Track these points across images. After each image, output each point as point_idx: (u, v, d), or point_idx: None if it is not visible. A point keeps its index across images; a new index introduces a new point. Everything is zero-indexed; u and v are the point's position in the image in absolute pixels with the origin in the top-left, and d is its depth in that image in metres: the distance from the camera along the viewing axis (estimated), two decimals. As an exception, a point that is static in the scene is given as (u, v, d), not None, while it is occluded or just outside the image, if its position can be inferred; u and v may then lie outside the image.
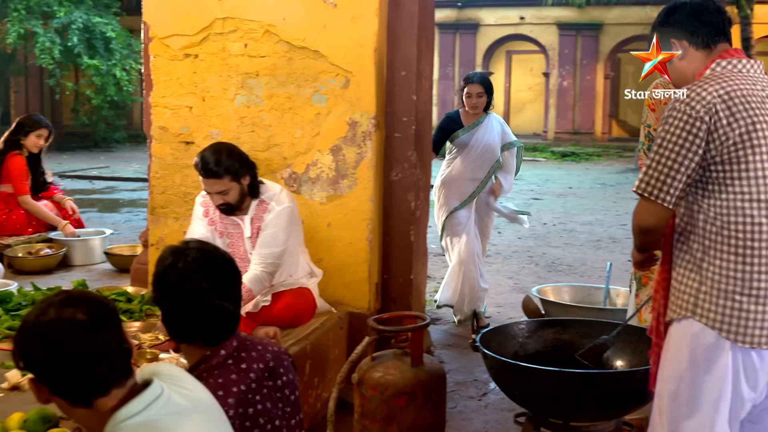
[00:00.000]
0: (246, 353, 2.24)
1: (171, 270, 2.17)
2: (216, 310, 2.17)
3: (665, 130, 2.43)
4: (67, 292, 1.75)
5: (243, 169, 3.80)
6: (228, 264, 2.25)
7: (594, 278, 7.78)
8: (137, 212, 11.74)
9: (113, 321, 1.74)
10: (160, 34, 4.71)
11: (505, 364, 3.04)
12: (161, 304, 2.23)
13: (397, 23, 4.54)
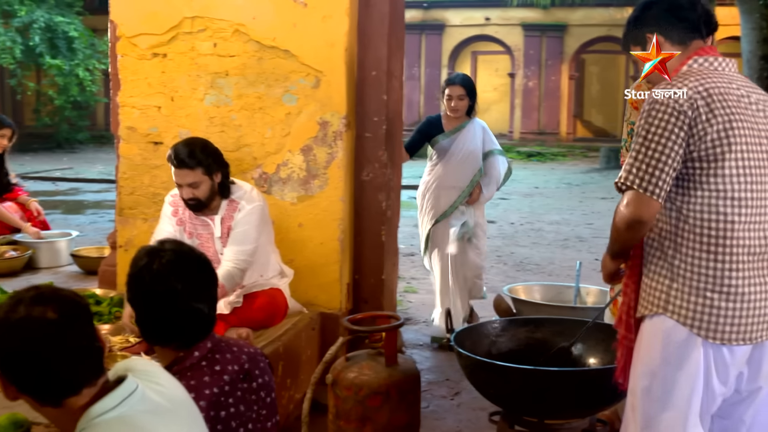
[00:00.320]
0: (220, 355, 2.22)
1: (145, 271, 2.14)
2: (191, 312, 2.15)
3: (649, 123, 2.42)
4: (38, 289, 1.71)
5: (215, 166, 3.78)
6: (204, 265, 2.22)
7: (562, 277, 7.84)
8: (102, 214, 11.61)
9: (85, 319, 1.70)
10: (127, 33, 4.65)
11: (481, 363, 3.04)
12: (135, 305, 2.20)
13: (367, 23, 4.53)
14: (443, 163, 5.49)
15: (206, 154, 3.76)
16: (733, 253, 2.41)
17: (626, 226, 2.45)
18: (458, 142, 5.44)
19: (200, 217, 3.93)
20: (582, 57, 26.25)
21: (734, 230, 2.40)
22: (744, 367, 2.50)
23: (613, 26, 24.69)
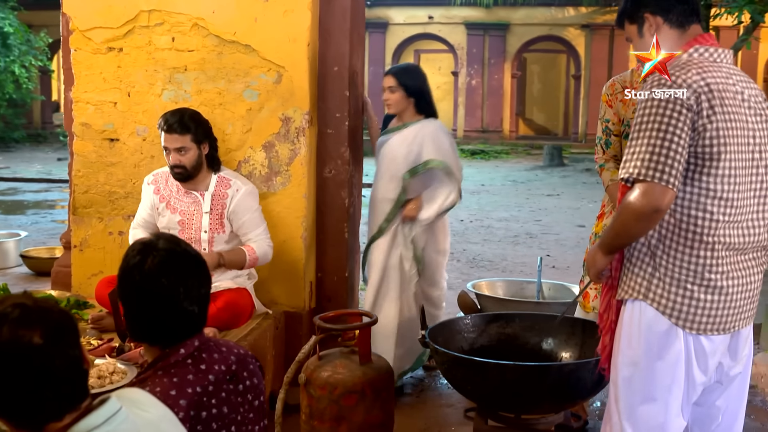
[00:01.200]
0: (207, 354, 2.14)
1: (136, 270, 2.06)
2: (181, 313, 2.08)
3: (656, 114, 2.35)
4: (24, 305, 1.57)
5: (203, 135, 3.92)
6: (197, 265, 2.15)
7: (516, 273, 7.91)
8: (44, 214, 11.32)
9: (72, 342, 1.59)
10: (81, 27, 4.51)
11: (458, 359, 3.02)
12: (125, 303, 2.11)
13: (329, 18, 4.48)
14: (377, 168, 4.66)
15: (195, 122, 3.88)
16: (715, 249, 2.42)
17: (639, 217, 2.36)
18: (388, 144, 4.54)
19: (188, 192, 3.97)
20: (524, 56, 26.56)
21: (717, 228, 2.41)
22: (725, 356, 2.53)
23: (555, 26, 25.07)
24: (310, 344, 3.19)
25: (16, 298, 1.60)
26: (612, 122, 3.84)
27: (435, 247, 4.66)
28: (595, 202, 13.35)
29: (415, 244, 4.51)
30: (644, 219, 2.37)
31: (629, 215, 2.39)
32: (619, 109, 3.82)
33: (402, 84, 4.46)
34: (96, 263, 4.60)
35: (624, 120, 3.81)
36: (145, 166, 4.50)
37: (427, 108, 4.54)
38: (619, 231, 2.47)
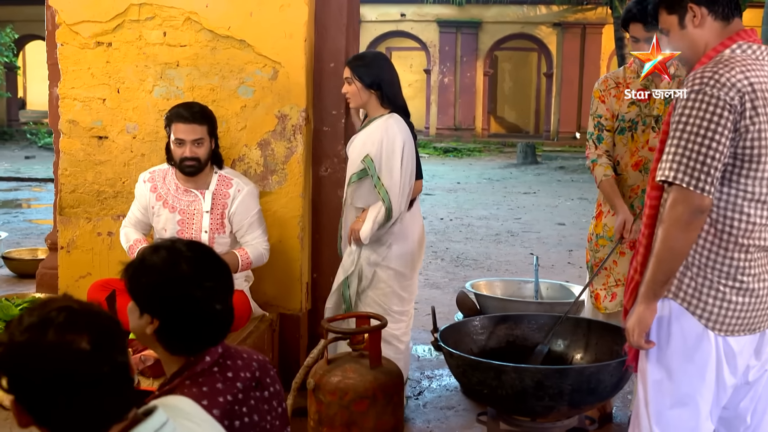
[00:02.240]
0: (231, 361, 2.04)
1: (166, 275, 1.94)
2: (211, 318, 1.96)
3: (696, 116, 2.28)
4: (70, 308, 1.46)
5: (214, 128, 3.85)
6: (224, 267, 2.04)
7: (501, 271, 7.87)
8: (15, 213, 11.07)
9: (120, 348, 1.49)
10: (68, 20, 4.36)
11: (474, 362, 2.95)
12: (150, 310, 1.98)
13: (325, 13, 4.38)
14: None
15: (208, 113, 3.84)
16: (749, 252, 2.37)
17: (685, 225, 2.28)
18: (352, 143, 4.06)
19: (188, 190, 3.86)
20: (495, 54, 26.61)
21: (754, 231, 2.36)
22: (751, 357, 2.48)
23: (527, 24, 25.15)
24: (319, 348, 3.09)
25: (59, 301, 1.49)
26: (605, 117, 3.81)
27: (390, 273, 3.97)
28: (572, 200, 13.39)
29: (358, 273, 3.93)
30: (686, 226, 2.29)
31: (673, 228, 2.31)
32: (612, 104, 3.79)
33: (357, 75, 3.87)
34: (84, 265, 4.46)
35: (618, 115, 3.78)
36: (135, 164, 4.37)
37: (392, 101, 3.94)
38: (664, 255, 2.34)
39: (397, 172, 3.81)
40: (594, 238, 3.92)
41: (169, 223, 3.85)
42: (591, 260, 3.90)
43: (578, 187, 15.10)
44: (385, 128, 3.86)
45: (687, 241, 2.34)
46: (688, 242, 2.35)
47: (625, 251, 3.81)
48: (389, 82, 3.96)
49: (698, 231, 2.35)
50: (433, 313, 3.22)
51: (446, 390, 4.54)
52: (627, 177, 3.81)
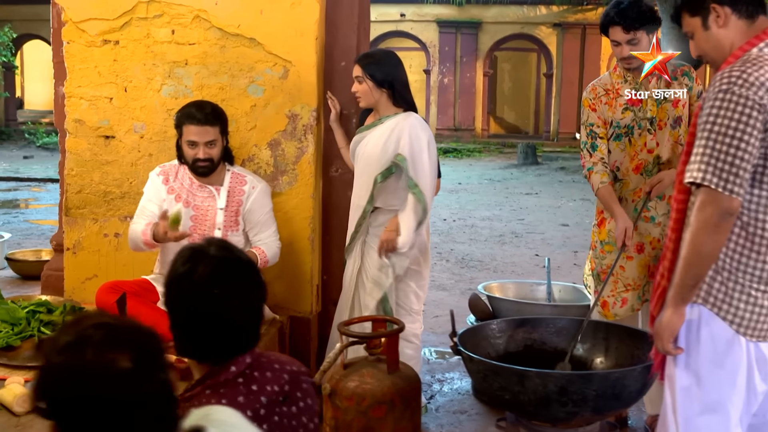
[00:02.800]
0: (260, 372, 1.96)
1: (186, 279, 1.87)
2: (234, 327, 1.89)
3: (724, 116, 2.23)
4: (108, 325, 1.39)
5: (225, 127, 3.78)
6: (252, 274, 1.96)
7: (507, 273, 7.81)
8: (15, 213, 10.99)
9: (161, 365, 1.41)
10: (74, 18, 4.29)
11: (496, 368, 2.88)
12: (171, 315, 1.92)
13: (336, 11, 4.32)
14: (355, 170, 4.11)
15: (220, 113, 3.76)
16: None
17: (714, 227, 2.24)
18: (364, 142, 3.97)
19: (203, 186, 3.80)
20: (495, 54, 26.54)
21: None
22: None
23: (527, 24, 25.10)
24: (335, 352, 3.01)
25: (95, 317, 1.41)
26: (597, 125, 3.80)
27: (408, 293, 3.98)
28: (575, 201, 13.33)
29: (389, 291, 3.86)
30: (715, 228, 2.24)
31: (701, 231, 2.26)
32: (604, 111, 3.78)
33: (369, 74, 3.85)
34: (90, 267, 4.39)
35: (612, 122, 3.75)
36: (142, 164, 4.30)
37: (405, 99, 3.94)
38: (692, 259, 2.29)
39: (427, 170, 3.80)
40: (599, 245, 3.87)
41: (183, 218, 3.76)
42: (596, 267, 3.86)
43: (580, 188, 15.03)
44: (409, 127, 3.83)
45: (716, 244, 2.29)
46: (717, 245, 2.29)
47: (632, 255, 3.76)
48: (401, 80, 3.95)
49: (727, 233, 2.30)
50: (452, 316, 3.15)
51: (458, 394, 4.47)
52: (629, 181, 3.78)
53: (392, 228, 3.80)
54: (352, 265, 4.05)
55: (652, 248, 3.79)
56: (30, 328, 3.67)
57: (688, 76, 3.76)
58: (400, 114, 3.90)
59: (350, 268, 4.06)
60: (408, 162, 3.79)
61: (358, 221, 3.98)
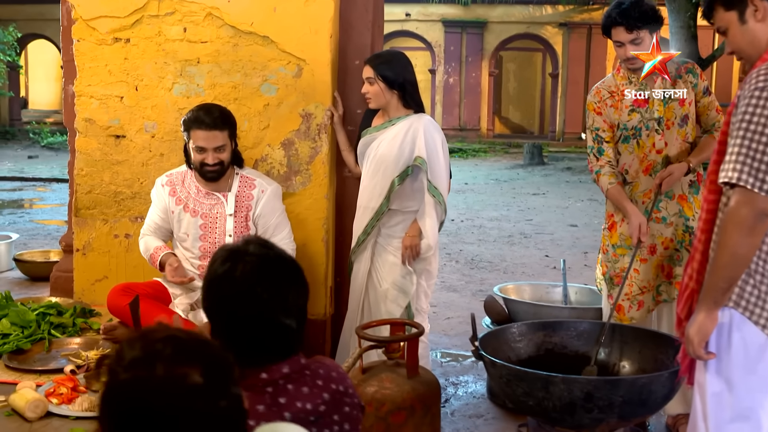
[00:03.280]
0: (295, 386, 1.82)
1: (225, 279, 1.78)
2: (278, 328, 1.80)
3: (758, 114, 2.17)
4: (176, 338, 1.33)
5: (234, 130, 3.71)
6: (295, 272, 1.86)
7: (517, 274, 7.73)
8: (21, 213, 10.94)
9: (232, 379, 1.36)
10: (85, 16, 4.23)
11: (520, 373, 2.81)
12: (213, 317, 1.84)
13: (350, 9, 4.25)
14: (363, 172, 4.02)
15: (228, 117, 3.67)
16: None
17: (749, 229, 2.17)
18: (375, 144, 3.91)
19: (209, 193, 3.71)
20: (500, 54, 26.46)
21: None
22: None
23: (532, 24, 25.01)
24: (354, 356, 2.95)
25: (161, 331, 1.35)
26: (602, 129, 3.74)
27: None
28: (582, 201, 13.25)
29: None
30: (750, 230, 2.18)
31: (733, 231, 2.19)
32: (610, 114, 3.72)
33: (381, 75, 3.80)
34: (100, 268, 4.33)
35: (619, 124, 3.69)
36: (153, 164, 4.24)
37: (415, 100, 3.90)
38: (725, 260, 2.23)
39: (442, 171, 3.84)
40: (610, 249, 3.80)
41: (191, 228, 3.71)
42: (609, 271, 3.79)
43: (587, 188, 14.94)
44: (424, 128, 3.81)
45: (751, 246, 2.22)
46: (751, 247, 2.23)
47: (646, 258, 3.70)
48: (412, 80, 3.92)
49: (762, 235, 2.23)
50: (473, 321, 3.08)
51: (473, 397, 4.40)
52: (638, 183, 3.72)
53: (414, 233, 3.82)
54: (362, 267, 4.00)
55: (665, 248, 3.73)
56: (40, 330, 3.62)
57: (693, 73, 3.70)
58: (412, 115, 3.87)
59: (360, 270, 4.01)
60: (426, 164, 3.78)
61: (369, 223, 3.92)
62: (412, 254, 3.83)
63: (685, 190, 3.71)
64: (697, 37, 13.10)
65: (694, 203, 3.71)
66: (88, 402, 2.83)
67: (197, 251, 3.74)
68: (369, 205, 3.93)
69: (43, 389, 2.95)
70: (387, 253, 3.93)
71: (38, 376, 3.19)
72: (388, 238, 3.93)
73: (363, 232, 3.95)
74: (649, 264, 3.69)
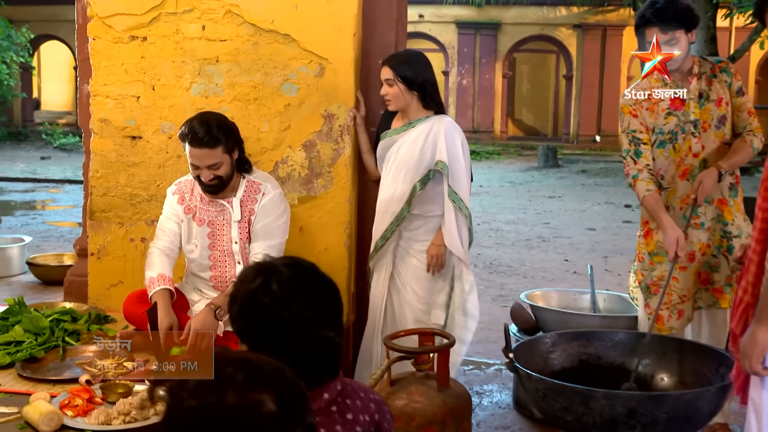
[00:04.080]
0: (351, 401, 1.79)
1: (261, 293, 1.68)
2: (321, 341, 1.70)
3: None
4: (248, 363, 1.23)
5: (234, 142, 3.44)
6: (330, 284, 1.79)
7: (537, 279, 7.60)
8: (34, 215, 10.87)
9: (306, 407, 1.26)
10: (101, 13, 4.11)
11: (558, 387, 2.67)
12: (249, 337, 1.73)
13: (374, 7, 4.11)
14: (382, 174, 3.91)
15: (225, 130, 3.39)
16: None
17: None
18: (395, 147, 3.81)
19: (213, 200, 3.53)
20: (513, 56, 26.29)
21: None
22: None
23: (546, 25, 24.83)
24: (383, 369, 2.82)
25: (230, 354, 1.26)
26: (639, 131, 3.60)
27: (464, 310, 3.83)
28: (599, 204, 13.07)
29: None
30: None
31: None
32: (646, 117, 3.59)
33: (400, 75, 3.70)
34: (116, 273, 4.21)
35: (655, 128, 3.55)
36: (170, 166, 4.12)
37: (435, 101, 3.80)
38: None
39: (464, 177, 3.74)
40: (646, 257, 3.66)
41: (199, 237, 3.56)
42: (645, 280, 3.65)
43: (603, 191, 14.78)
44: (444, 131, 3.73)
45: None
46: None
47: (686, 265, 3.56)
48: (432, 81, 3.82)
49: None
50: (506, 332, 2.94)
51: (498, 407, 4.26)
52: (675, 188, 3.58)
53: (439, 242, 3.76)
54: (383, 273, 3.90)
55: (702, 254, 3.59)
56: (54, 338, 3.50)
57: (727, 72, 3.56)
58: (433, 117, 3.78)
59: (381, 276, 3.91)
60: (447, 168, 3.69)
61: (389, 228, 3.82)
62: (437, 263, 3.75)
63: (725, 193, 3.57)
64: (716, 39, 12.91)
65: (734, 207, 3.57)
66: (104, 415, 2.71)
67: (207, 261, 3.59)
68: (389, 209, 3.82)
69: (57, 400, 2.82)
70: (410, 257, 3.85)
71: (52, 386, 3.07)
72: (410, 241, 3.84)
73: (381, 237, 3.84)
74: (688, 271, 3.54)
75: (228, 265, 3.55)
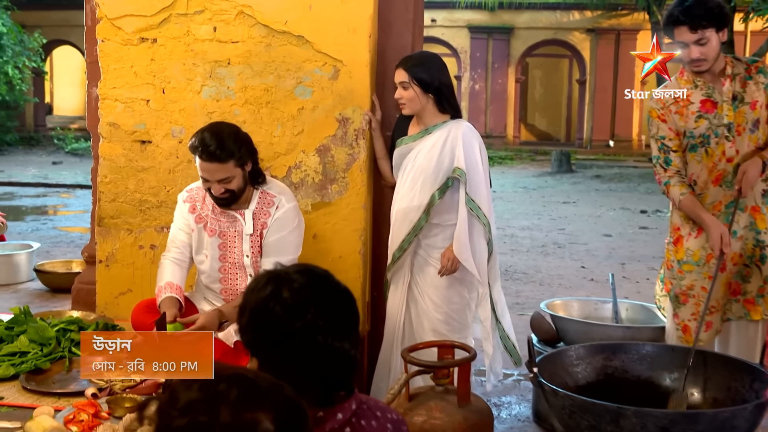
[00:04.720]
0: (366, 421, 1.68)
1: (272, 302, 1.58)
2: (335, 353, 1.60)
3: None
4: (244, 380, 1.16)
5: (247, 154, 3.31)
6: (345, 293, 1.68)
7: (554, 286, 7.45)
8: (44, 220, 10.80)
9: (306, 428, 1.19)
10: (110, 15, 4.02)
11: (587, 404, 2.54)
12: (259, 349, 1.62)
13: (390, 7, 4.02)
14: (398, 182, 3.79)
15: (237, 142, 3.26)
16: None
17: None
18: (412, 154, 3.69)
19: (226, 212, 3.41)
20: (526, 60, 26.15)
21: None
22: None
23: (559, 29, 24.69)
24: (401, 383, 2.70)
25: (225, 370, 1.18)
26: (668, 137, 3.49)
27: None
28: (614, 210, 12.91)
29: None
30: None
31: None
32: (676, 121, 3.46)
33: (415, 78, 3.58)
34: (124, 280, 4.11)
35: (686, 132, 3.42)
36: (181, 171, 4.02)
37: (452, 105, 3.72)
38: None
39: (482, 182, 3.66)
40: (675, 265, 3.53)
41: (210, 248, 3.45)
42: (674, 288, 3.52)
43: (618, 196, 14.61)
44: (462, 137, 3.65)
45: None
46: None
47: (714, 275, 3.42)
48: (447, 83, 3.72)
49: None
50: (529, 345, 2.81)
51: (518, 420, 4.13)
52: (707, 195, 3.45)
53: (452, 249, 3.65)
54: (401, 285, 3.78)
55: (734, 264, 3.45)
56: (60, 348, 3.41)
57: (764, 72, 3.42)
58: (449, 122, 3.70)
59: (399, 286, 3.79)
60: (465, 175, 3.60)
61: (406, 239, 3.70)
62: (450, 268, 3.64)
63: (758, 200, 3.43)
64: (733, 43, 12.77)
65: (767, 214, 3.43)
66: (110, 431, 2.60)
67: (217, 273, 3.48)
68: (406, 219, 3.69)
69: (61, 415, 2.72)
70: (428, 266, 3.74)
71: (57, 399, 2.97)
72: (428, 249, 3.73)
73: (399, 248, 3.72)
74: (718, 281, 3.40)
75: (239, 277, 3.44)
